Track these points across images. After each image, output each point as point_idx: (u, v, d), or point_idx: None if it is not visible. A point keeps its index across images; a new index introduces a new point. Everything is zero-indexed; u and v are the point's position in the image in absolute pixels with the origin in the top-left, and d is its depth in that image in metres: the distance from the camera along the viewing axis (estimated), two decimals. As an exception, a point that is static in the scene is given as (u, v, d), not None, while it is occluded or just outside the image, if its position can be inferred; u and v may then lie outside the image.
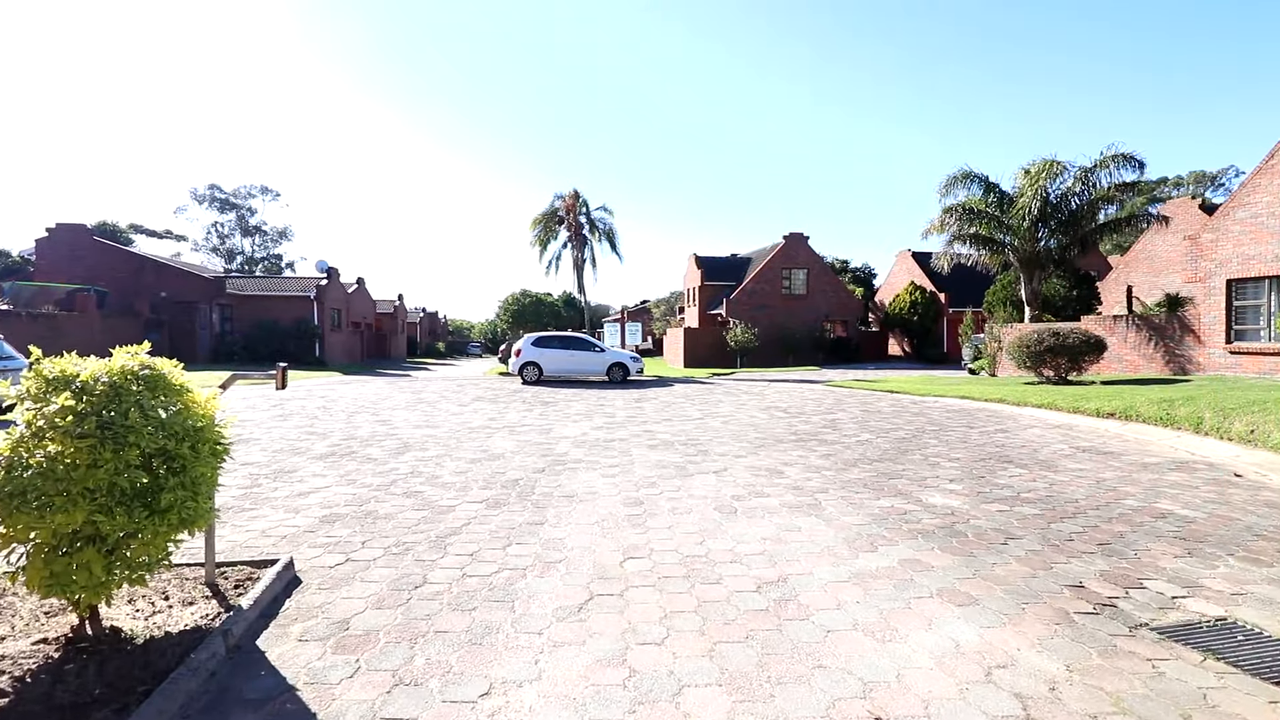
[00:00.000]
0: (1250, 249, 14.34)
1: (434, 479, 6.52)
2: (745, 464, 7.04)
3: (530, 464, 7.24)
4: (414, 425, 10.13)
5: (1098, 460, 7.20)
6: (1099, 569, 3.92)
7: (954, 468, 6.80)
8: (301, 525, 4.77)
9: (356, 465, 7.16)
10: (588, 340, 19.23)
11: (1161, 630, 3.16)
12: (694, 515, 5.05)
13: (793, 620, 3.24)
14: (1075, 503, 5.44)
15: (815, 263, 33.89)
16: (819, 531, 4.64)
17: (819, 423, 10.29)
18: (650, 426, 10.17)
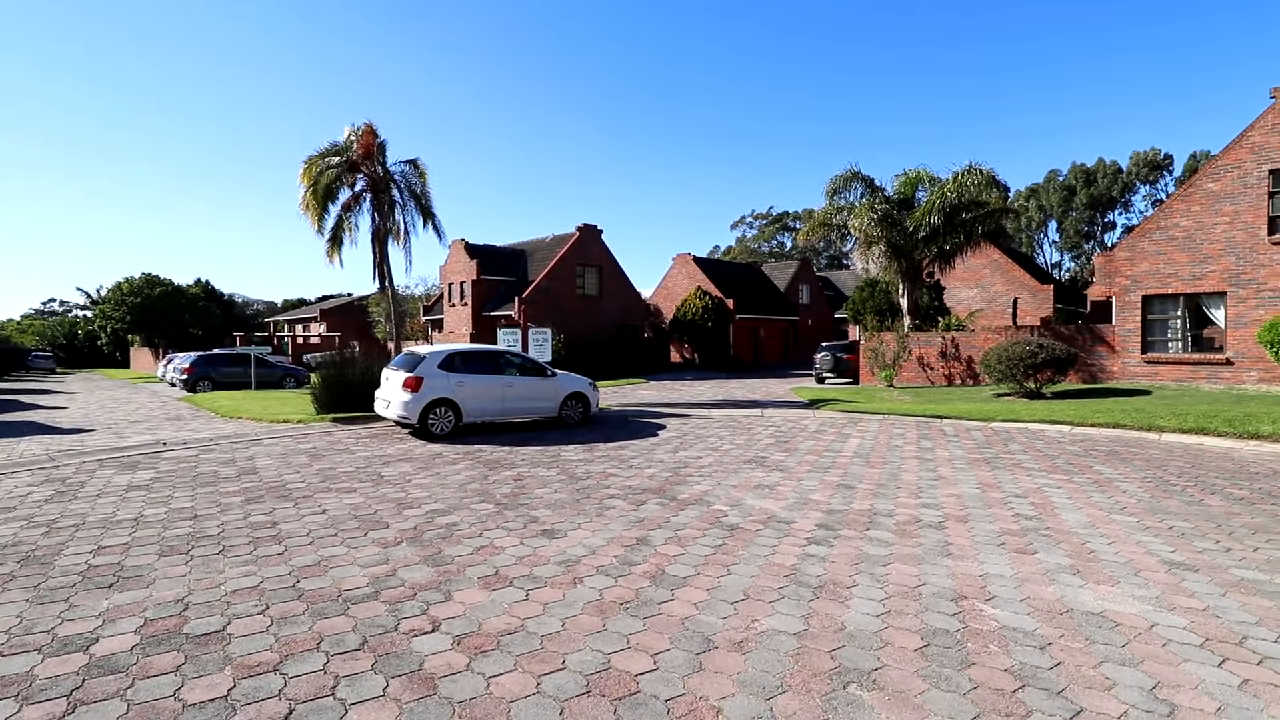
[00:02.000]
0: (1165, 268, 14.74)
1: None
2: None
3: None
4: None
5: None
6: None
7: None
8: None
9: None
10: (525, 359, 11.45)
11: None
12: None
13: None
14: None
15: (609, 261, 29.79)
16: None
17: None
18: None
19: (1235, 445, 8.92)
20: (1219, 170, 13.99)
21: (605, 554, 4.55)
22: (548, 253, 29.61)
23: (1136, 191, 65.28)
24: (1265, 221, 13.45)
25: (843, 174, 18.01)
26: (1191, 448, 8.90)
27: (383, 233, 15.20)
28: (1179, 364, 14.40)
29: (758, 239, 77.45)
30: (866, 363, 19.20)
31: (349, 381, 12.11)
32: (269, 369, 22.31)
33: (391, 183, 16.67)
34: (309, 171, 16.26)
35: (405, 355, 10.55)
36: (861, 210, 17.59)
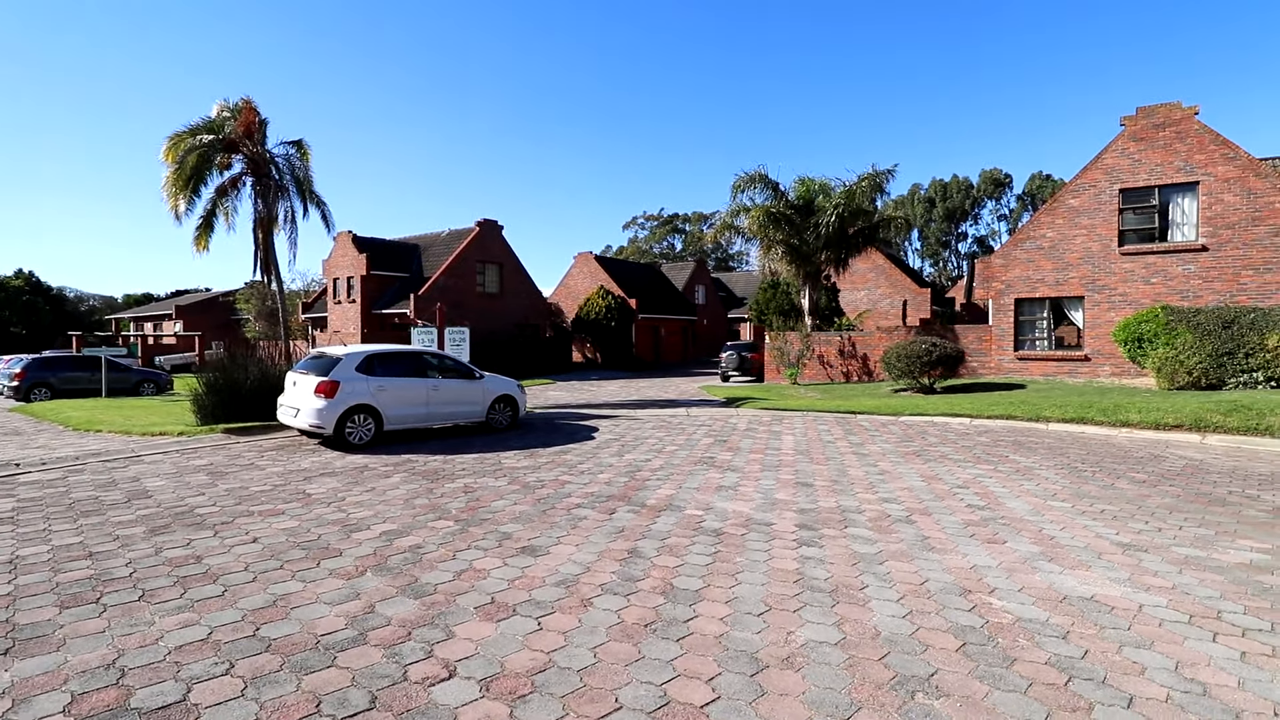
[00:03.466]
0: (1034, 274, 16.36)
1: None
2: None
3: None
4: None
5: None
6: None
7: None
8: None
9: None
10: (451, 360, 10.51)
11: None
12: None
13: None
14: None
15: (510, 258, 28.83)
16: None
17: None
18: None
19: (1111, 432, 10.02)
20: (1078, 188, 15.77)
21: (601, 570, 4.26)
22: (444, 248, 28.22)
23: (984, 205, 72.90)
24: (1116, 234, 15.32)
25: (748, 174, 18.52)
26: (1076, 435, 9.90)
27: (267, 220, 13.67)
28: (1046, 360, 16.09)
29: (649, 239, 78.50)
30: (772, 361, 19.88)
31: (240, 387, 10.78)
32: (121, 373, 19.57)
33: (274, 165, 15.10)
34: (174, 149, 14.36)
35: (315, 357, 9.52)
36: (758, 212, 18.16)
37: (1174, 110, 14.76)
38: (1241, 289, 14.04)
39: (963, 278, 47.57)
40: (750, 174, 18.50)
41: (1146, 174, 14.96)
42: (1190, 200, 14.69)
